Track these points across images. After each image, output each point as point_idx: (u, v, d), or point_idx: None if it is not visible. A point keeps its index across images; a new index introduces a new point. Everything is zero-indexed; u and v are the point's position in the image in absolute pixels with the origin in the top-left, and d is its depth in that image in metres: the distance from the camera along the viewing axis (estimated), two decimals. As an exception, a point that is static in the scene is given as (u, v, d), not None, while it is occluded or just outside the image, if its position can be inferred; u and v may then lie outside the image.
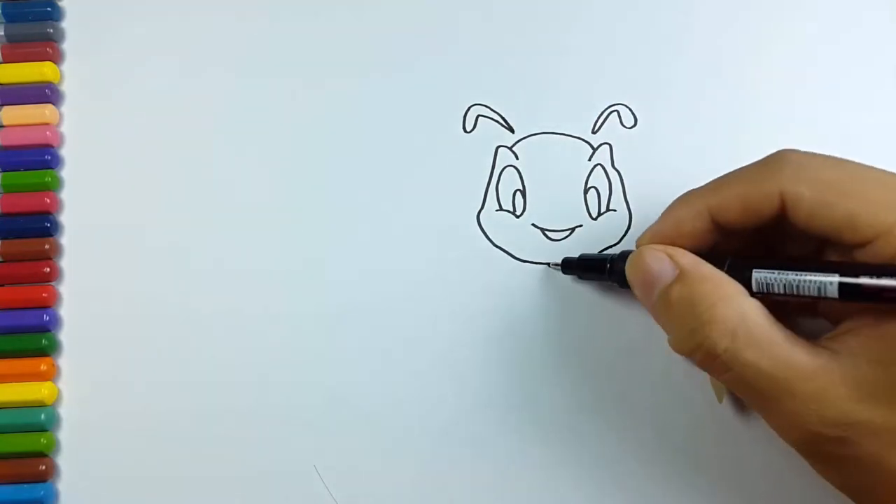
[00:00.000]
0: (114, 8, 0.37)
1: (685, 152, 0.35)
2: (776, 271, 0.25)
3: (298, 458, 0.33)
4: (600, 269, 0.31)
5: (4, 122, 0.36)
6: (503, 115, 0.36)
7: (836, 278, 0.24)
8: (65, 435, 0.34)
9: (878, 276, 0.23)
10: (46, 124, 0.36)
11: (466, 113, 0.36)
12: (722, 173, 0.35)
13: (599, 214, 0.35)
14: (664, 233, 0.28)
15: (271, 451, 0.33)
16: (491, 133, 0.36)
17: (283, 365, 0.34)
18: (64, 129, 0.36)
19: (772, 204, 0.26)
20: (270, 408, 0.33)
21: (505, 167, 0.35)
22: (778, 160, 0.26)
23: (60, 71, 0.37)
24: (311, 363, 0.34)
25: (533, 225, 0.35)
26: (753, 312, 0.25)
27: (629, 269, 0.28)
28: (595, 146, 0.35)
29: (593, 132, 0.35)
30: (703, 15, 0.36)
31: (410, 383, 0.33)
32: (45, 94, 0.36)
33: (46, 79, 0.36)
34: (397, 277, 0.34)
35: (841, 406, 0.24)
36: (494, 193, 0.35)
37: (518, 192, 0.35)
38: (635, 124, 0.35)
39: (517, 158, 0.35)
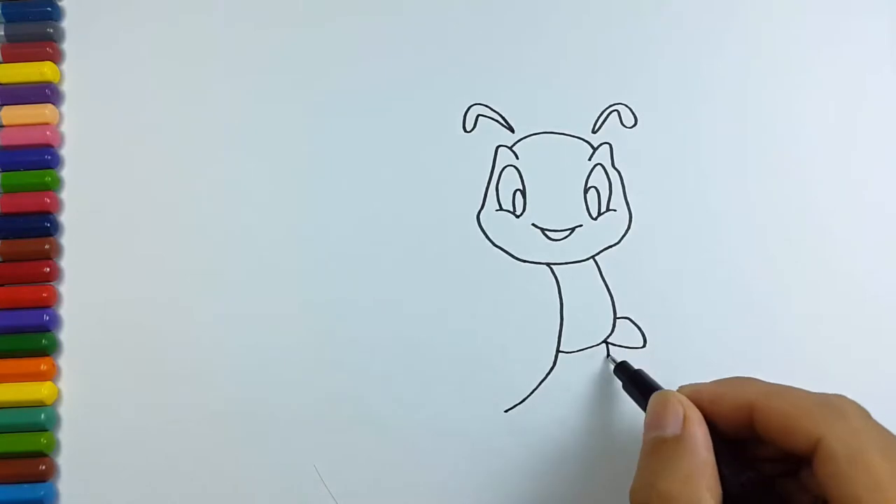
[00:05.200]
0: (114, 8, 0.37)
1: (685, 152, 0.35)
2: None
3: (298, 458, 0.33)
4: (644, 395, 0.29)
5: (4, 122, 0.36)
6: (503, 115, 0.36)
7: None
8: (65, 435, 0.34)
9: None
10: (46, 124, 0.36)
11: (466, 113, 0.36)
12: (722, 174, 0.35)
13: (599, 214, 0.35)
14: (702, 398, 0.27)
15: (271, 450, 0.33)
16: (491, 133, 0.36)
17: (283, 365, 0.34)
18: (64, 129, 0.36)
19: (807, 447, 0.24)
20: (270, 408, 0.33)
21: (505, 167, 0.35)
22: (834, 409, 0.24)
23: (60, 71, 0.37)
24: (311, 363, 0.34)
25: (533, 225, 0.35)
26: None
27: (653, 400, 0.28)
28: (595, 146, 0.35)
29: (593, 132, 0.35)
30: (703, 15, 0.36)
31: (410, 383, 0.33)
32: (45, 94, 0.36)
33: (46, 79, 0.36)
34: (397, 277, 0.34)
35: None
36: (494, 193, 0.35)
37: (518, 192, 0.35)
38: (635, 124, 0.35)
39: (517, 158, 0.35)
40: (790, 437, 0.24)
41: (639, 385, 0.31)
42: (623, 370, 0.32)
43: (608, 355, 0.33)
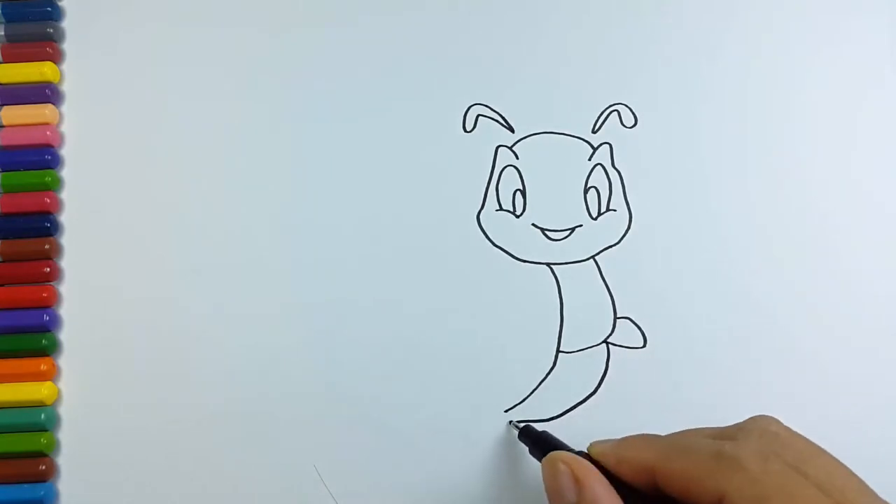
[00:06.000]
0: (114, 8, 0.37)
1: (685, 152, 0.35)
2: None
3: (298, 458, 0.33)
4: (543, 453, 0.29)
5: (4, 122, 0.36)
6: (503, 115, 0.36)
7: None
8: (65, 435, 0.34)
9: None
10: (46, 124, 0.36)
11: (466, 113, 0.36)
12: (722, 174, 0.35)
13: (599, 214, 0.35)
14: (608, 460, 0.27)
15: (271, 450, 0.33)
16: (491, 133, 0.36)
17: (282, 365, 0.34)
18: (64, 129, 0.36)
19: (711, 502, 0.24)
20: (270, 407, 0.33)
21: (505, 167, 0.35)
22: (730, 461, 0.24)
23: (60, 71, 0.37)
24: (310, 363, 0.34)
25: (533, 225, 0.35)
26: None
27: (543, 471, 0.27)
28: (595, 146, 0.35)
29: (593, 132, 0.35)
30: (703, 15, 0.36)
31: (410, 383, 0.33)
32: (45, 94, 0.36)
33: (46, 79, 0.36)
34: (397, 277, 0.34)
35: None
36: (494, 193, 0.35)
37: (518, 192, 0.35)
38: (635, 124, 0.35)
39: (517, 158, 0.35)
40: (694, 498, 0.24)
41: (542, 447, 0.29)
42: (526, 434, 0.31)
43: (510, 422, 0.33)
